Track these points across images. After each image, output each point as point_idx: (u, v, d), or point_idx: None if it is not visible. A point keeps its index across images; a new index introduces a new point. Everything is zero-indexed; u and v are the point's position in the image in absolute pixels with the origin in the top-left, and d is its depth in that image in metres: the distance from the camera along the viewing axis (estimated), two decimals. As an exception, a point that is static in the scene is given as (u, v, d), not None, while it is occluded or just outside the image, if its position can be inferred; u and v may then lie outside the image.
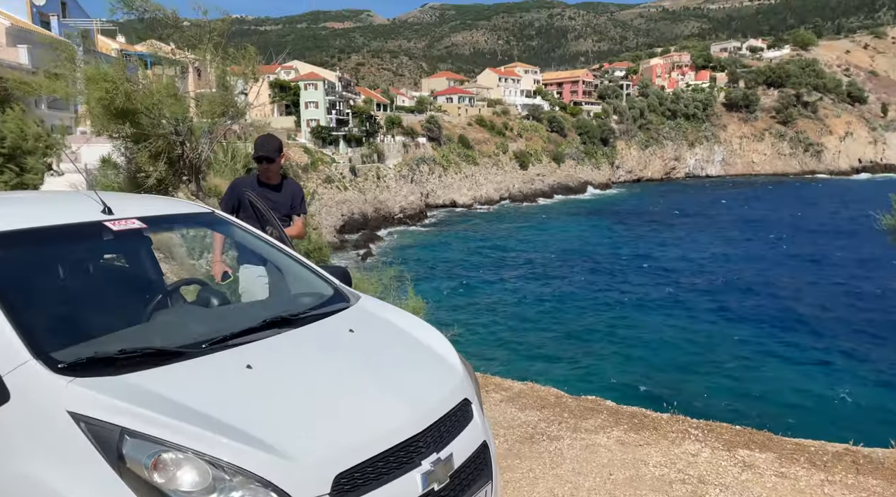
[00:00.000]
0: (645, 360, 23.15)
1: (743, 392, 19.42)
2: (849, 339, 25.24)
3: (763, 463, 3.94)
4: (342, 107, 68.58)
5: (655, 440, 4.34)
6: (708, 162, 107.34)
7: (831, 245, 46.77)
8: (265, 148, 4.62)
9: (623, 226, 58.83)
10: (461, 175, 76.13)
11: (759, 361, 22.81)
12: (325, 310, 3.01)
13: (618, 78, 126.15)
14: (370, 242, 49.51)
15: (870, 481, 3.64)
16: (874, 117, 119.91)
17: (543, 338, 26.37)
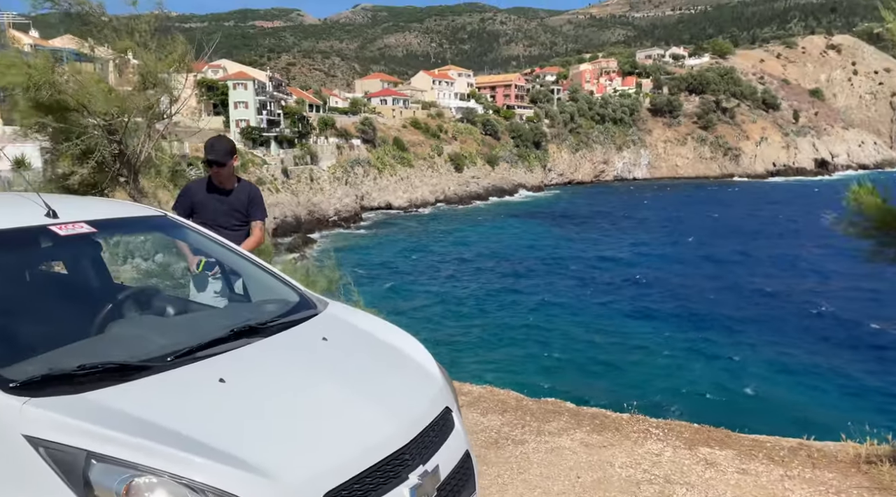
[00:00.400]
0: (575, 361, 23.68)
1: (679, 389, 20.05)
2: (769, 335, 26.50)
3: (724, 460, 4.03)
4: (273, 107, 67.08)
5: (619, 441, 4.37)
6: (635, 165, 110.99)
7: (749, 245, 49.20)
8: (215, 151, 4.37)
9: (557, 228, 60.03)
10: (396, 177, 75.84)
11: (694, 358, 23.58)
12: (294, 317, 2.86)
13: (549, 82, 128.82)
14: (304, 245, 48.55)
15: (826, 475, 3.77)
16: (787, 123, 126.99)
17: (486, 339, 26.54)
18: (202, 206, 4.38)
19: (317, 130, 70.82)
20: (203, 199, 4.44)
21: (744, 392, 20.04)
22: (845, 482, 3.66)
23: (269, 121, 64.14)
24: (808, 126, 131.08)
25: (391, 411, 2.37)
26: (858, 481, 3.65)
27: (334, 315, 3.02)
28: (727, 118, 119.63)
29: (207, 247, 3.40)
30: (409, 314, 31.08)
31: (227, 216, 4.42)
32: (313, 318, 2.91)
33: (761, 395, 19.75)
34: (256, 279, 3.33)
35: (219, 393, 2.18)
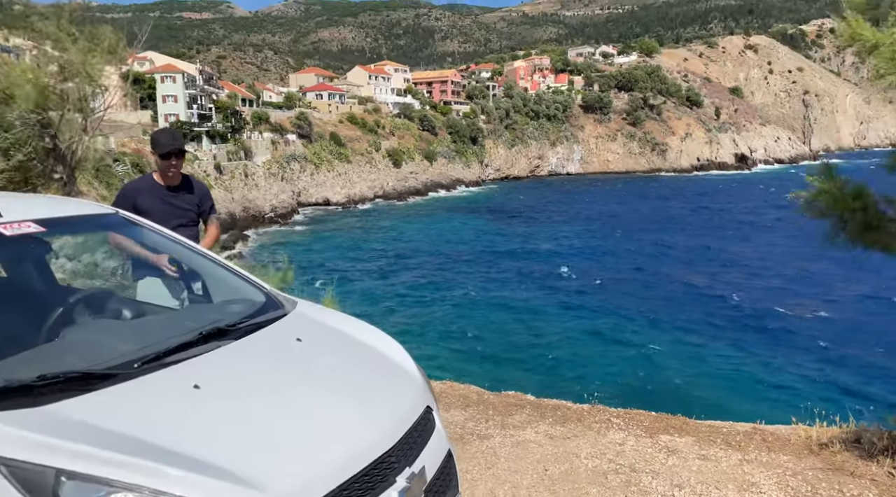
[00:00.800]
0: (516, 353, 23.92)
1: (618, 379, 20.59)
2: (703, 326, 27.63)
3: (684, 447, 4.13)
4: (204, 101, 64.97)
5: (582, 432, 4.41)
6: (568, 160, 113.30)
7: (678, 236, 51.14)
8: (176, 140, 4.09)
9: (495, 222, 60.67)
10: (334, 173, 74.80)
11: (632, 348, 24.25)
12: (264, 318, 2.74)
13: (484, 79, 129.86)
14: (237, 242, 47.29)
15: (781, 457, 3.91)
16: (709, 120, 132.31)
17: (427, 335, 26.56)
18: (149, 208, 3.98)
19: (250, 125, 68.99)
20: (149, 199, 4.04)
21: (684, 379, 20.65)
22: (800, 464, 3.82)
23: (200, 115, 62.10)
24: (729, 122, 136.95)
25: (375, 413, 2.30)
26: (812, 463, 3.81)
27: (305, 315, 2.91)
28: (654, 115, 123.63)
29: (164, 245, 3.22)
30: (348, 311, 30.81)
31: (178, 217, 4.10)
32: (284, 318, 2.79)
33: (700, 382, 20.37)
34: (217, 278, 3.17)
35: (194, 400, 2.05)
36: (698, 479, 3.73)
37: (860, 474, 3.61)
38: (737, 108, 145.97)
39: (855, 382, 20.02)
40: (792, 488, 3.54)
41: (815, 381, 20.29)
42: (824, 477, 3.63)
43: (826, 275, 37.04)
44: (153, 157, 4.18)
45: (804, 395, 17.60)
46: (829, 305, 30.45)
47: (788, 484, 3.59)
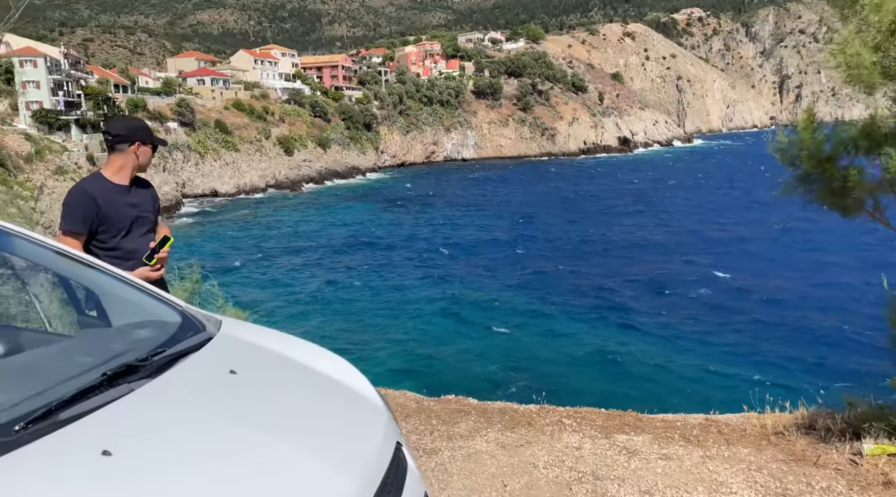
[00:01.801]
0: (437, 349, 23.14)
1: (558, 370, 20.19)
2: (620, 310, 28.28)
3: (643, 446, 3.93)
4: (71, 87, 59.61)
5: (534, 437, 4.12)
6: (463, 146, 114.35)
7: (581, 218, 52.95)
8: (144, 128, 3.41)
9: (393, 210, 60.13)
10: (221, 162, 71.19)
11: (549, 336, 24.03)
12: (183, 346, 2.16)
13: (376, 64, 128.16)
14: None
15: (741, 451, 3.80)
16: (594, 105, 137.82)
17: (332, 333, 25.53)
18: (114, 215, 3.26)
19: (126, 113, 64.16)
20: (112, 204, 3.29)
21: (620, 369, 20.36)
22: (761, 456, 3.71)
23: (68, 103, 56.94)
24: (612, 107, 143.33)
25: (345, 462, 1.84)
26: (773, 454, 3.72)
27: (235, 337, 2.36)
28: (543, 100, 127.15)
29: (42, 256, 2.54)
30: (245, 309, 29.30)
31: (142, 223, 3.42)
32: (209, 344, 2.23)
33: (638, 371, 20.08)
34: (116, 295, 2.53)
35: (106, 472, 1.48)
36: (666, 482, 3.53)
37: (823, 463, 3.54)
38: (618, 93, 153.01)
39: (794, 362, 20.18)
40: (761, 486, 3.41)
41: (753, 363, 20.30)
42: (789, 469, 3.54)
43: (736, 247, 39.43)
44: (121, 151, 3.40)
45: (744, 379, 18.05)
46: (745, 280, 31.27)
47: (756, 480, 3.46)
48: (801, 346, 21.91)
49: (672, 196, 65.80)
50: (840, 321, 24.29)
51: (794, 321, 24.79)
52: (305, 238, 46.58)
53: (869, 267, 31.65)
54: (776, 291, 28.93)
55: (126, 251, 3.35)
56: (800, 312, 25.88)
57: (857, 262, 32.96)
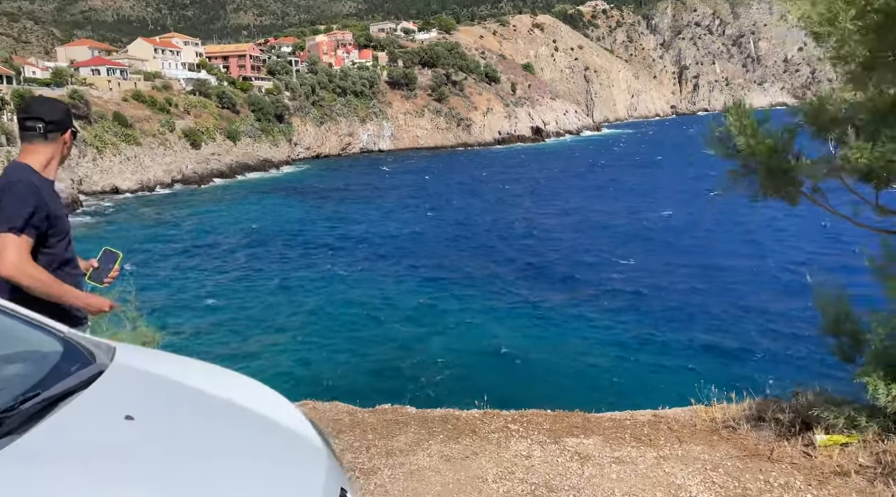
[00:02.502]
0: (361, 349, 22.17)
1: (490, 367, 19.56)
2: (535, 294, 28.55)
3: (595, 450, 3.73)
4: (-54, 77, 54.41)
5: (480, 446, 3.84)
6: (379, 137, 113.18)
7: (501, 207, 53.43)
8: (65, 110, 2.92)
9: (310, 204, 58.67)
10: (122, 157, 67.08)
11: (473, 329, 23.41)
12: (64, 385, 1.69)
13: (285, 54, 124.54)
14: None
15: (694, 449, 3.66)
16: (507, 95, 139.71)
17: (249, 337, 24.25)
18: (60, 215, 2.76)
19: (11, 106, 59.22)
20: (53, 202, 2.74)
21: (553, 363, 19.66)
22: (714, 453, 3.59)
23: (-59, 94, 51.91)
24: (524, 97, 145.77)
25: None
26: (726, 450, 3.61)
27: (134, 369, 1.91)
28: (457, 91, 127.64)
29: None
30: (153, 315, 27.64)
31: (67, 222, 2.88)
32: (99, 379, 1.78)
33: (571, 364, 19.51)
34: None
35: None
36: (623, 489, 3.33)
37: (777, 458, 3.45)
38: (530, 84, 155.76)
39: (730, 350, 19.97)
40: (720, 486, 3.27)
41: (687, 352, 19.96)
42: (745, 466, 3.42)
43: (648, 233, 40.60)
44: (53, 140, 2.81)
45: (682, 368, 17.86)
46: (662, 267, 31.85)
47: (714, 481, 3.32)
48: (733, 332, 21.70)
49: (584, 184, 67.66)
50: (763, 306, 24.43)
51: (711, 307, 24.96)
52: (213, 236, 44.50)
53: (781, 249, 33.64)
54: (694, 278, 29.89)
55: (74, 264, 2.84)
56: (720, 298, 26.14)
57: (776, 245, 34.75)
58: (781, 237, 36.54)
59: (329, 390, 15.81)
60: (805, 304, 23.69)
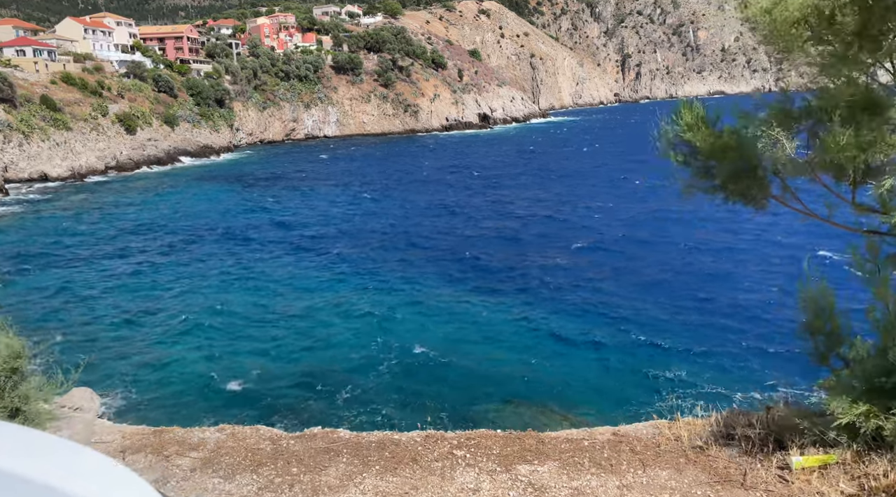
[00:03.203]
0: (292, 352, 20.61)
1: (428, 373, 17.93)
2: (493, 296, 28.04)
3: (551, 479, 3.31)
4: None
5: (422, 479, 3.36)
6: (324, 123, 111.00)
7: (454, 196, 52.86)
8: None
9: (248, 192, 56.92)
10: (51, 142, 63.55)
11: (411, 329, 22.05)
12: None
13: (225, 36, 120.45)
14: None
15: (661, 475, 3.28)
16: (454, 81, 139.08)
17: (179, 337, 22.85)
18: None
19: (-76, 87, 55.26)
20: None
21: (497, 367, 18.18)
22: (682, 479, 3.22)
23: None
24: (471, 84, 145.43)
25: None
26: (695, 475, 3.24)
27: None
28: (404, 76, 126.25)
29: None
30: (78, 315, 26.12)
31: None
32: None
33: (520, 369, 18.04)
34: None
35: None
36: (583, 528, 2.92)
37: (752, 484, 3.10)
38: (477, 70, 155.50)
39: (686, 351, 18.81)
40: (692, 521, 2.89)
41: (644, 356, 18.70)
42: (716, 495, 3.06)
43: (599, 223, 40.45)
44: None
45: (640, 375, 16.19)
46: (609, 257, 31.77)
47: (685, 514, 2.94)
48: (696, 333, 20.25)
49: (531, 170, 67.92)
50: (722, 302, 23.40)
51: (662, 303, 24.01)
52: (151, 227, 42.57)
53: (733, 246, 33.77)
54: (647, 271, 29.70)
55: None
56: (670, 293, 25.23)
57: (725, 242, 34.83)
58: (720, 227, 37.04)
59: (251, 403, 14.64)
60: (768, 301, 22.80)
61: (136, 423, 15.31)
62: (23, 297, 27.56)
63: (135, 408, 17.24)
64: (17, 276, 30.82)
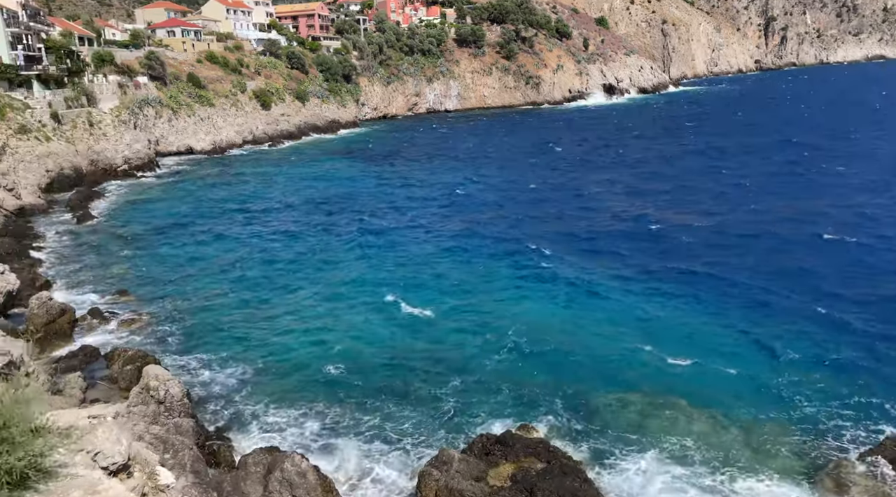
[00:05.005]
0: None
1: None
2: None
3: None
4: (32, 41, 56.60)
5: None
6: (446, 97, 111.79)
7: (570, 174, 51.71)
8: None
9: (376, 166, 58.66)
10: (196, 118, 68.71)
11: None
12: None
13: (353, 12, 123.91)
14: (88, 201, 42.18)
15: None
16: (578, 51, 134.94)
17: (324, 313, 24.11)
18: None
19: (91, 67, 61.29)
20: None
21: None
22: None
23: (28, 57, 54.07)
24: (597, 53, 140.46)
25: None
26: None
27: None
28: (527, 47, 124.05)
29: None
30: (210, 280, 28.20)
31: None
32: None
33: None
34: None
35: None
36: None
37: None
38: (603, 39, 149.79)
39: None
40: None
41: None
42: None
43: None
44: None
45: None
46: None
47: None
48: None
49: (663, 148, 64.73)
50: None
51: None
52: (275, 201, 44.66)
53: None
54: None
55: None
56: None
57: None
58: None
59: (365, 385, 15.20)
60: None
61: (247, 397, 16.55)
62: (160, 261, 30.09)
63: (250, 380, 18.48)
64: (157, 240, 33.73)
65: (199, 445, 12.49)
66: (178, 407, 13.00)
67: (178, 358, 19.44)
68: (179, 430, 12.01)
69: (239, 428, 15.62)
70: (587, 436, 14.78)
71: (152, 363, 16.85)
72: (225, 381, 18.00)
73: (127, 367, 17.38)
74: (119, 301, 24.48)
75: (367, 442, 14.76)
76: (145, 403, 12.53)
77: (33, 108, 49.03)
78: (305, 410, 16.27)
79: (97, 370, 18.05)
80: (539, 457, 13.40)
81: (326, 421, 15.74)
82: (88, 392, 16.56)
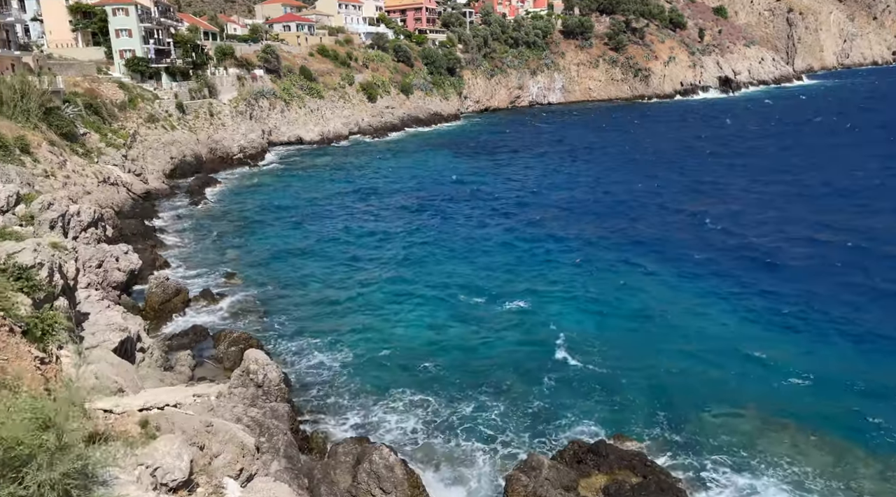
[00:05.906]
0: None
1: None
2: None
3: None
4: (162, 35, 60.75)
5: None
6: (549, 90, 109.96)
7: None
8: None
9: (477, 160, 58.62)
10: (306, 109, 71.42)
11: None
12: None
13: (460, 5, 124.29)
14: (205, 187, 44.77)
15: None
16: (693, 42, 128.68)
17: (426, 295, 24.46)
18: None
19: (214, 60, 65.08)
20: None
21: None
22: None
23: (158, 51, 58.13)
24: (713, 44, 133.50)
25: None
26: None
27: None
28: (637, 38, 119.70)
29: None
30: (324, 260, 29.05)
31: None
32: None
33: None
34: None
35: None
36: None
37: None
38: (721, 29, 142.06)
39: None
40: None
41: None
42: None
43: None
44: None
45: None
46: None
47: None
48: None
49: (786, 152, 60.53)
50: None
51: None
52: (390, 188, 45.72)
53: None
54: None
55: None
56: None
57: None
58: None
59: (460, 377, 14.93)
60: None
61: (344, 385, 16.93)
62: (268, 247, 31.37)
63: (348, 369, 18.81)
64: (266, 226, 35.23)
65: (294, 430, 12.81)
66: (275, 391, 13.39)
67: (281, 342, 20.18)
68: (275, 414, 12.35)
69: (333, 415, 15.95)
70: (689, 451, 13.93)
71: (255, 346, 17.51)
72: (323, 368, 18.49)
73: (231, 348, 18.18)
74: (228, 283, 25.79)
75: (457, 439, 14.66)
76: (245, 386, 12.99)
77: (161, 99, 52.64)
78: (399, 403, 16.42)
79: (205, 349, 19.03)
80: (634, 470, 12.74)
81: (419, 415, 15.80)
82: (196, 369, 17.48)
